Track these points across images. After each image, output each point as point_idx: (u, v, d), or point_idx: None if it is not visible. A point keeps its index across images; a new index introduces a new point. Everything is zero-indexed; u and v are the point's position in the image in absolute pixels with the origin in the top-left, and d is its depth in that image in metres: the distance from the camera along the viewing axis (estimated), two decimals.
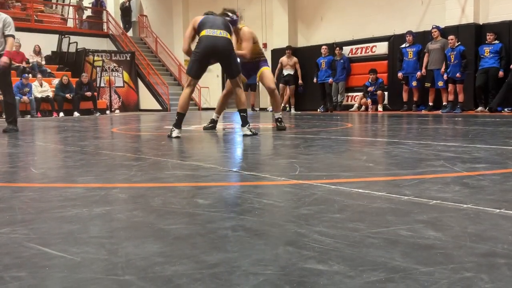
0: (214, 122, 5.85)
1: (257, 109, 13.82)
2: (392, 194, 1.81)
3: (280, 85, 12.37)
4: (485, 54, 9.09)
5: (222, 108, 5.95)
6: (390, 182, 2.11)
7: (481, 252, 1.14)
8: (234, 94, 5.11)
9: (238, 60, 5.06)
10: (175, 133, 4.66)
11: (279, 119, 5.60)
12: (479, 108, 9.27)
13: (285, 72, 12.30)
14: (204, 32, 4.67)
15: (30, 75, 12.93)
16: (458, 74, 9.20)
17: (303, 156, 3.12)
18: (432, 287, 0.94)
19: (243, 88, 5.07)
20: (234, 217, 1.55)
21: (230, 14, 5.05)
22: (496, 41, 9.00)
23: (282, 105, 12.54)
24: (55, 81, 12.94)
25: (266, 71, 5.68)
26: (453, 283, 0.95)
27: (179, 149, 3.85)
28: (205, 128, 5.86)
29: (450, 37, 9.30)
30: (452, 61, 9.30)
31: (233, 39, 5.01)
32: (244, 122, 4.88)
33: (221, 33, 4.69)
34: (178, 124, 4.72)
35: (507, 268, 1.03)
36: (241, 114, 4.92)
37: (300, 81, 12.16)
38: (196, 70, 4.78)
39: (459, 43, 9.30)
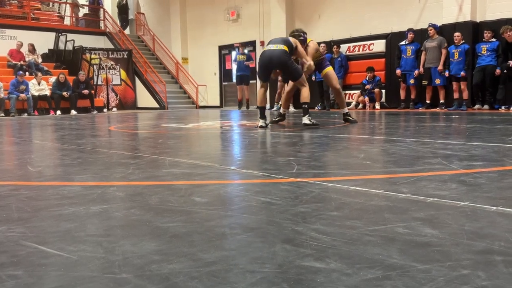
0: (281, 116, 6.49)
1: (254, 107, 13.79)
2: (390, 191, 1.82)
3: (279, 83, 12.36)
4: (482, 52, 9.10)
5: (287, 103, 6.76)
6: (388, 180, 2.12)
7: (478, 249, 1.14)
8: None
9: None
10: (260, 122, 5.67)
11: (347, 113, 6.17)
12: (476, 106, 9.28)
13: None
14: (264, 48, 5.95)
15: (27, 73, 12.90)
16: (463, 73, 9.21)
17: (300, 154, 3.12)
18: (429, 284, 0.94)
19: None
20: (232, 215, 1.55)
21: (301, 34, 6.03)
22: (493, 39, 9.01)
23: (280, 102, 12.55)
24: (52, 79, 12.90)
25: (330, 71, 6.21)
26: (450, 281, 0.96)
27: (176, 147, 3.85)
28: (272, 122, 6.36)
29: (456, 34, 9.30)
30: (456, 58, 9.31)
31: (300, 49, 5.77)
32: (305, 112, 5.67)
33: (277, 46, 5.63)
34: (262, 115, 5.79)
35: (504, 266, 1.03)
36: (303, 106, 5.74)
37: None
38: (261, 76, 5.92)
39: (464, 41, 9.30)
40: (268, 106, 12.91)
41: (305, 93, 5.73)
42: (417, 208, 1.55)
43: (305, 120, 5.60)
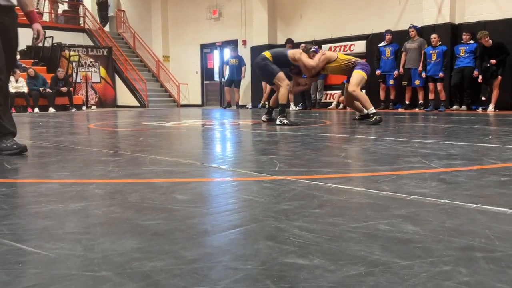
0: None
1: (233, 106, 13.78)
2: (371, 189, 1.82)
3: (263, 82, 12.36)
4: (461, 54, 9.25)
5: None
6: (369, 178, 2.13)
7: (459, 246, 1.15)
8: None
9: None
10: (263, 117, 6.32)
11: (371, 115, 5.68)
12: (454, 107, 9.43)
13: None
14: None
15: None
16: (441, 74, 9.34)
17: (282, 152, 3.12)
18: (411, 280, 0.94)
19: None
20: (214, 213, 1.54)
21: (310, 47, 6.08)
22: (472, 41, 9.16)
23: (262, 102, 12.56)
24: None
25: (354, 74, 5.87)
26: (432, 277, 0.96)
27: (157, 145, 3.81)
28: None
29: (433, 35, 9.43)
30: (433, 59, 9.43)
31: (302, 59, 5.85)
32: (279, 113, 5.85)
33: (264, 51, 6.04)
34: (267, 111, 6.38)
35: (485, 262, 1.04)
36: (279, 107, 5.91)
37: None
38: (266, 81, 6.73)
39: (440, 42, 9.44)
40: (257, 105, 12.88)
41: (280, 93, 5.83)
42: (398, 206, 1.56)
43: (277, 120, 5.75)
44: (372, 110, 5.73)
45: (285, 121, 5.65)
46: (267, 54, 5.90)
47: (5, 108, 3.11)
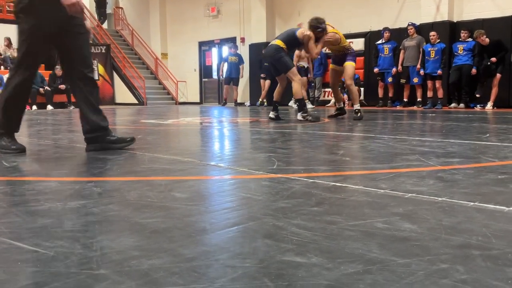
0: (340, 109, 6.67)
1: (232, 104, 13.77)
2: (369, 187, 1.83)
3: (261, 80, 12.37)
4: (459, 52, 9.26)
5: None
6: (367, 176, 2.13)
7: (456, 244, 1.16)
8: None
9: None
10: (270, 114, 6.14)
11: (356, 111, 6.15)
12: (452, 105, 9.44)
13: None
14: None
15: (2, 67, 12.61)
16: (439, 71, 9.35)
17: (280, 150, 3.12)
18: (409, 278, 0.95)
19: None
20: (212, 211, 1.54)
21: (319, 25, 5.86)
22: (470, 39, 9.17)
23: (260, 99, 12.56)
24: None
25: (348, 66, 6.19)
26: (429, 275, 0.96)
27: (156, 143, 3.81)
28: (330, 116, 6.63)
29: (432, 33, 9.45)
30: (432, 57, 9.44)
31: (312, 42, 5.84)
32: (299, 109, 5.91)
33: (274, 40, 5.93)
34: (273, 108, 6.19)
35: (482, 260, 1.05)
36: (296, 102, 6.01)
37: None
38: (272, 72, 6.53)
39: (439, 40, 9.45)
40: (260, 101, 12.85)
41: (294, 88, 5.81)
42: (396, 204, 1.57)
43: (299, 116, 5.79)
44: (358, 106, 6.13)
45: (309, 118, 5.71)
46: (279, 43, 5.76)
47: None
